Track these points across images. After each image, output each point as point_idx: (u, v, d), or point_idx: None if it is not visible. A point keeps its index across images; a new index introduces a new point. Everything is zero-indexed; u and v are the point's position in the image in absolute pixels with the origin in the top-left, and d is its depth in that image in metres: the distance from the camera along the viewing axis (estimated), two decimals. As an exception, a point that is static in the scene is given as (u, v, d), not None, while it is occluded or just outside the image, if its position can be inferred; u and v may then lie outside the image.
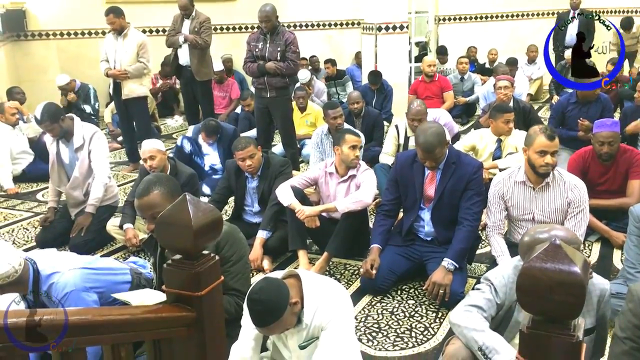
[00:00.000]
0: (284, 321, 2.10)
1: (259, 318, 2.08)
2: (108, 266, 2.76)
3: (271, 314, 2.07)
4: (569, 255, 1.19)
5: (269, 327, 2.08)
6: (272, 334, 2.09)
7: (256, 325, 2.09)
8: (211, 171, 5.48)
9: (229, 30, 9.50)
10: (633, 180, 4.02)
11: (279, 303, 2.08)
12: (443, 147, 3.29)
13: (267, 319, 2.07)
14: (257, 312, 2.07)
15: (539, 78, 9.11)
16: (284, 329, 2.12)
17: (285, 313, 2.08)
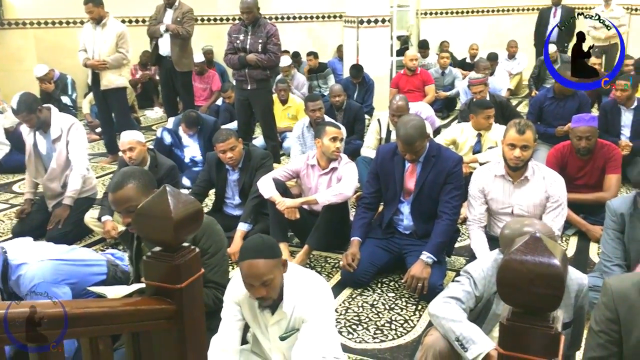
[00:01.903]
0: (272, 268, 2.10)
1: (255, 247, 2.11)
2: (83, 257, 2.73)
3: (267, 249, 2.11)
4: (548, 247, 1.20)
5: (257, 263, 2.07)
6: (259, 280, 2.08)
7: (248, 256, 2.09)
8: (191, 163, 5.44)
9: (211, 22, 9.43)
10: (610, 174, 4.08)
11: (274, 247, 2.16)
12: (423, 140, 3.31)
13: (264, 251, 2.10)
14: (255, 243, 2.14)
15: (518, 73, 9.19)
16: (269, 281, 2.10)
17: (276, 261, 2.11)
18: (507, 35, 9.64)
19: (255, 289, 2.10)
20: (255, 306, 2.25)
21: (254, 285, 2.09)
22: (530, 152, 3.18)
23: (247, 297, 2.24)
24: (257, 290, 2.10)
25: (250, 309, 2.28)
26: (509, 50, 9.22)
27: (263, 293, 2.10)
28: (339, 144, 3.84)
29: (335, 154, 3.82)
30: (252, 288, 2.11)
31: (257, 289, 2.10)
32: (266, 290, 2.10)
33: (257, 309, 2.25)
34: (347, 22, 7.77)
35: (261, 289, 2.09)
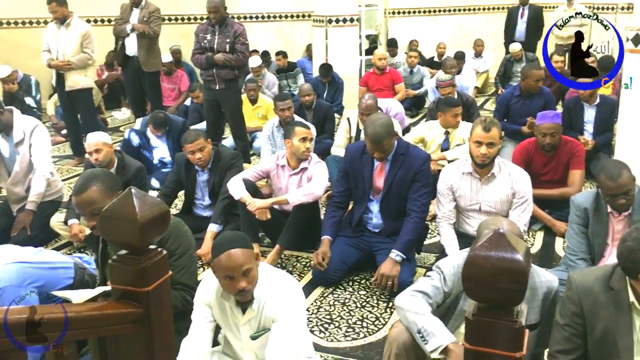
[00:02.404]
0: (250, 257, 2.12)
1: (229, 239, 2.14)
2: (49, 260, 2.68)
3: (241, 240, 2.14)
4: (512, 243, 1.23)
5: (236, 252, 2.09)
6: (240, 270, 2.07)
7: (225, 248, 2.09)
8: (160, 164, 5.38)
9: (178, 21, 9.33)
10: (574, 170, 4.17)
11: (246, 239, 2.20)
12: (391, 138, 3.34)
13: (239, 242, 2.13)
14: (228, 235, 2.19)
15: (485, 71, 9.33)
16: (249, 270, 2.10)
17: (252, 251, 2.14)
18: (474, 34, 9.77)
19: (236, 280, 2.09)
20: (226, 306, 2.24)
21: (234, 277, 2.08)
22: (496, 149, 3.22)
23: (218, 297, 2.24)
24: (238, 282, 2.09)
25: (220, 309, 2.27)
26: (475, 49, 9.35)
27: (244, 284, 2.09)
28: (309, 144, 3.84)
29: (306, 154, 3.82)
30: (232, 281, 2.09)
31: (238, 281, 2.08)
32: (246, 281, 2.09)
33: (228, 310, 2.25)
34: (316, 22, 7.78)
35: (242, 280, 2.09)
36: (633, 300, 1.97)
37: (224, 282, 2.12)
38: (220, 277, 2.12)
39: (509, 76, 8.35)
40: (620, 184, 2.82)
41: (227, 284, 2.12)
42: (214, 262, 2.13)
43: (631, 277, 1.95)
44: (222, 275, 2.11)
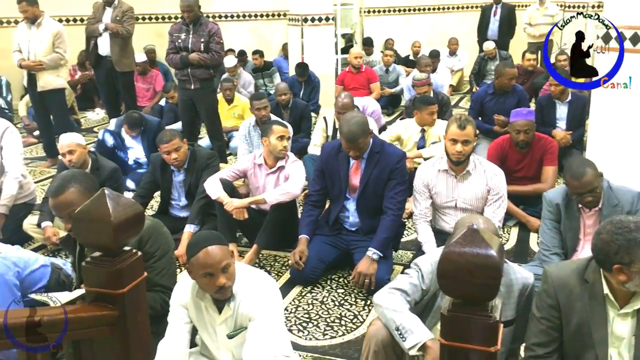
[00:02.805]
0: (227, 254, 2.13)
1: (205, 237, 2.16)
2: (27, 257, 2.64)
3: (217, 238, 2.16)
4: (485, 239, 1.24)
5: (214, 249, 2.10)
6: (219, 266, 2.08)
7: (202, 245, 2.10)
8: (135, 165, 5.33)
9: (152, 20, 9.24)
10: (547, 166, 4.24)
11: (221, 237, 2.22)
12: (366, 136, 3.35)
13: (215, 239, 2.14)
14: (204, 234, 2.21)
15: (460, 70, 9.42)
16: (228, 266, 2.12)
17: (227, 248, 2.16)
18: (448, 33, 9.86)
19: (215, 277, 2.08)
20: (202, 306, 2.23)
21: (213, 274, 2.08)
22: (471, 147, 3.26)
23: (193, 298, 2.22)
24: (218, 279, 2.08)
25: (196, 310, 2.26)
26: (450, 47, 9.44)
27: (224, 281, 2.09)
28: (286, 142, 3.84)
29: (283, 152, 3.82)
30: (212, 278, 2.09)
31: (217, 277, 2.08)
32: (225, 277, 2.10)
33: (204, 309, 2.24)
34: (292, 21, 7.78)
35: (221, 276, 2.09)
36: (607, 292, 2.01)
37: (203, 280, 2.11)
38: (199, 275, 2.11)
39: (483, 74, 8.44)
40: (584, 183, 2.88)
41: (206, 282, 2.11)
42: (191, 262, 2.12)
43: (605, 270, 1.99)
44: (201, 274, 2.10)
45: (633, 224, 1.91)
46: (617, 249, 1.90)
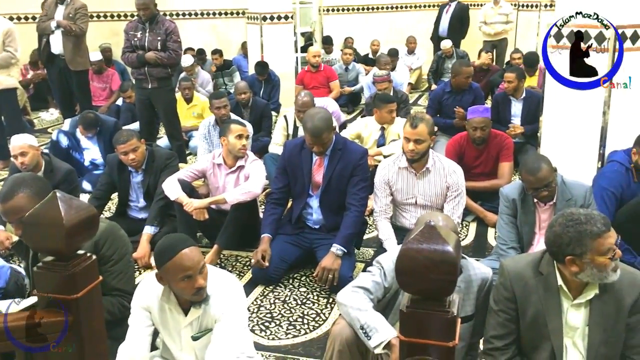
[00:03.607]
0: (201, 255, 2.12)
1: (177, 240, 2.13)
2: None
3: (188, 240, 2.14)
4: (442, 235, 1.26)
5: (191, 251, 2.08)
6: (198, 267, 2.07)
7: (177, 249, 2.07)
8: (92, 166, 5.22)
9: (107, 18, 9.06)
10: (503, 162, 4.33)
11: (190, 239, 2.18)
12: (330, 132, 3.37)
13: (187, 241, 2.13)
14: (174, 237, 2.17)
15: (418, 68, 9.53)
16: (204, 267, 2.10)
17: (199, 250, 2.15)
18: (406, 32, 9.97)
19: (194, 279, 2.06)
20: (167, 310, 2.20)
21: (192, 276, 2.05)
22: (424, 146, 3.28)
23: (158, 300, 2.19)
24: (197, 281, 2.06)
25: (160, 312, 2.22)
26: (408, 45, 9.54)
27: (202, 282, 2.07)
28: (245, 141, 3.81)
29: (242, 151, 3.79)
30: (190, 281, 2.06)
31: (196, 279, 2.06)
32: (203, 278, 2.08)
33: (168, 312, 2.20)
34: (250, 19, 7.73)
35: (199, 277, 2.07)
36: (561, 283, 2.06)
37: (181, 284, 2.07)
38: (177, 280, 2.06)
39: (441, 72, 8.56)
40: (539, 178, 2.95)
41: (185, 285, 2.07)
42: (166, 267, 2.07)
43: (558, 262, 2.04)
44: (179, 278, 2.05)
45: (584, 216, 1.97)
46: (569, 240, 1.95)
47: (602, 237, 1.94)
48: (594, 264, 1.94)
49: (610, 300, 2.03)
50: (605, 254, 1.94)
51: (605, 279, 1.97)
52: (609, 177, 3.37)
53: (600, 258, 1.94)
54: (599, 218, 1.97)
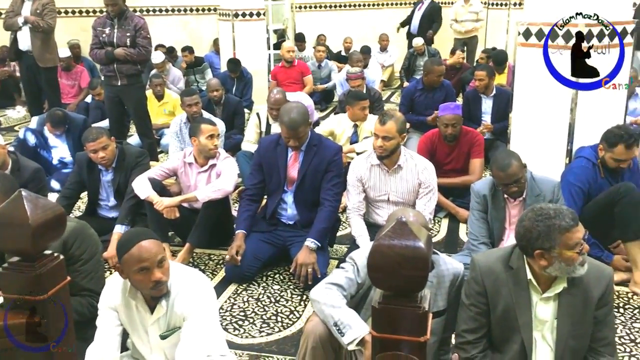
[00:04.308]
0: (161, 248, 2.10)
1: (137, 233, 2.12)
2: None
3: (149, 233, 2.12)
4: (414, 231, 1.27)
5: (147, 243, 2.07)
6: (155, 260, 2.05)
7: (135, 241, 2.06)
8: (60, 165, 5.13)
9: (76, 14, 8.90)
10: (474, 159, 4.39)
11: (153, 233, 2.17)
12: (307, 125, 3.37)
13: (147, 234, 2.11)
14: (135, 230, 2.18)
15: (390, 65, 9.58)
16: (163, 260, 2.08)
17: (161, 243, 2.13)
18: (378, 29, 10.00)
19: (151, 272, 2.04)
20: (133, 307, 2.18)
21: (149, 269, 2.03)
22: (393, 143, 3.30)
23: (125, 298, 2.17)
24: (154, 274, 2.04)
25: (127, 311, 2.20)
26: (380, 43, 9.58)
27: (159, 275, 2.05)
28: (217, 140, 3.78)
29: (213, 151, 3.76)
30: (147, 273, 2.04)
31: (153, 272, 2.04)
32: (161, 272, 2.06)
33: (135, 310, 2.18)
34: (222, 15, 7.68)
35: (157, 271, 2.05)
36: (530, 277, 2.10)
37: (138, 276, 2.05)
38: (133, 271, 2.05)
39: (413, 70, 8.62)
40: (509, 174, 3.00)
41: (141, 278, 2.05)
42: (124, 259, 2.06)
43: (528, 256, 2.08)
44: (135, 269, 2.04)
45: (553, 211, 2.00)
46: (538, 234, 1.99)
47: (570, 231, 1.97)
48: (562, 258, 1.98)
49: (578, 294, 2.07)
50: (573, 248, 1.97)
51: (573, 273, 2.01)
52: (577, 172, 3.43)
53: (568, 252, 1.97)
54: (567, 213, 2.01)
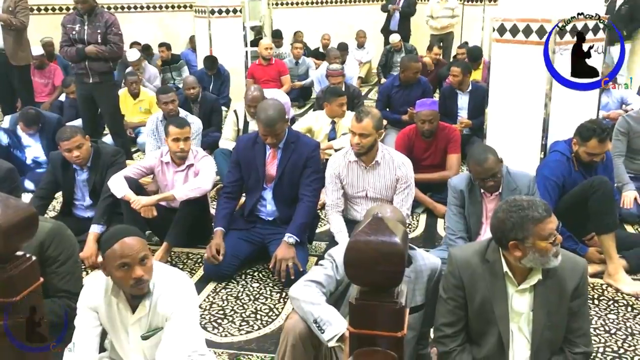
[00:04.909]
0: (145, 246, 2.09)
1: (120, 230, 2.11)
2: None
3: (133, 230, 2.11)
4: (389, 227, 1.27)
5: (130, 240, 2.05)
6: (137, 257, 2.03)
7: (118, 238, 2.05)
8: (34, 164, 5.05)
9: (49, 11, 8.75)
10: (451, 154, 4.42)
11: (138, 231, 2.17)
12: (284, 123, 3.37)
13: (132, 231, 2.10)
14: (119, 227, 2.14)
15: (368, 62, 9.61)
16: (146, 258, 2.06)
17: (145, 241, 2.10)
18: (355, 26, 10.02)
19: (132, 269, 2.02)
20: (114, 307, 2.15)
21: (130, 265, 2.01)
22: (370, 140, 3.29)
23: (107, 297, 2.15)
24: (135, 271, 2.02)
25: (108, 311, 2.17)
26: (358, 40, 9.60)
27: (141, 272, 2.02)
28: (183, 143, 3.70)
29: (181, 154, 3.71)
30: (128, 270, 2.02)
31: (134, 269, 2.02)
32: (143, 269, 2.03)
33: (116, 310, 2.16)
34: (198, 12, 7.62)
35: (138, 268, 2.03)
36: (506, 270, 2.13)
37: (119, 273, 2.03)
38: (115, 267, 2.03)
39: (390, 66, 8.66)
40: (486, 168, 3.04)
41: (122, 275, 2.03)
42: (106, 254, 2.04)
43: (503, 247, 2.11)
44: (116, 265, 2.02)
45: (526, 202, 2.05)
46: (512, 225, 2.02)
47: (543, 222, 2.01)
48: (535, 249, 2.01)
49: (553, 286, 2.10)
50: (547, 239, 2.01)
51: (547, 264, 2.04)
52: (551, 166, 3.48)
53: (541, 243, 2.00)
54: (540, 204, 2.05)
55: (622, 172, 4.02)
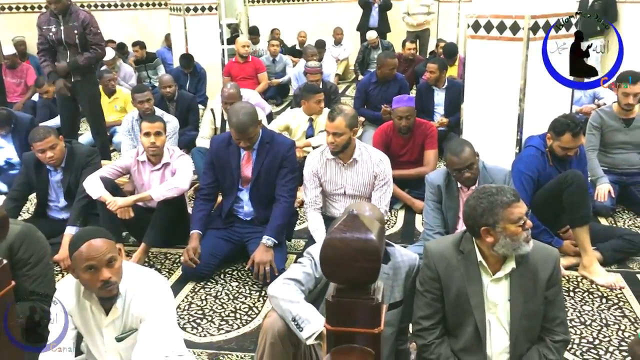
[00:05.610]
0: (112, 247, 2.06)
1: (89, 232, 2.09)
2: None
3: (102, 232, 2.09)
4: (365, 224, 1.27)
5: (97, 241, 2.03)
6: (103, 259, 2.00)
7: (85, 239, 2.02)
8: (7, 166, 4.96)
9: (20, 10, 8.59)
10: (428, 150, 4.45)
11: (107, 232, 2.12)
12: (256, 126, 3.34)
13: (100, 233, 2.08)
14: (88, 229, 2.13)
15: (345, 59, 9.62)
16: (113, 260, 2.04)
17: (114, 243, 2.08)
18: (332, 23, 10.01)
19: (99, 271, 1.99)
20: (88, 309, 2.13)
21: (97, 267, 1.99)
22: (343, 138, 3.28)
23: (79, 299, 2.12)
24: (102, 273, 1.99)
25: (81, 313, 2.14)
26: (335, 37, 9.60)
27: (108, 275, 2.00)
28: (154, 138, 3.65)
29: (152, 149, 3.67)
30: (95, 273, 2.00)
31: (101, 272, 1.99)
32: (110, 272, 2.01)
33: (89, 312, 2.13)
34: (173, 10, 7.55)
35: (105, 270, 2.00)
36: (481, 259, 2.16)
37: (86, 275, 2.01)
38: (82, 270, 2.00)
39: (367, 63, 8.68)
40: (463, 159, 3.07)
41: (89, 278, 2.01)
42: (74, 256, 2.01)
43: (475, 236, 2.14)
44: (83, 267, 1.99)
45: (495, 189, 2.12)
46: (482, 211, 2.08)
47: (511, 206, 2.07)
48: (506, 233, 2.06)
49: (527, 274, 2.14)
50: (516, 222, 2.07)
51: (519, 249, 2.09)
52: (526, 161, 3.52)
53: (511, 227, 2.06)
54: (508, 190, 2.13)
55: (596, 166, 4.08)
